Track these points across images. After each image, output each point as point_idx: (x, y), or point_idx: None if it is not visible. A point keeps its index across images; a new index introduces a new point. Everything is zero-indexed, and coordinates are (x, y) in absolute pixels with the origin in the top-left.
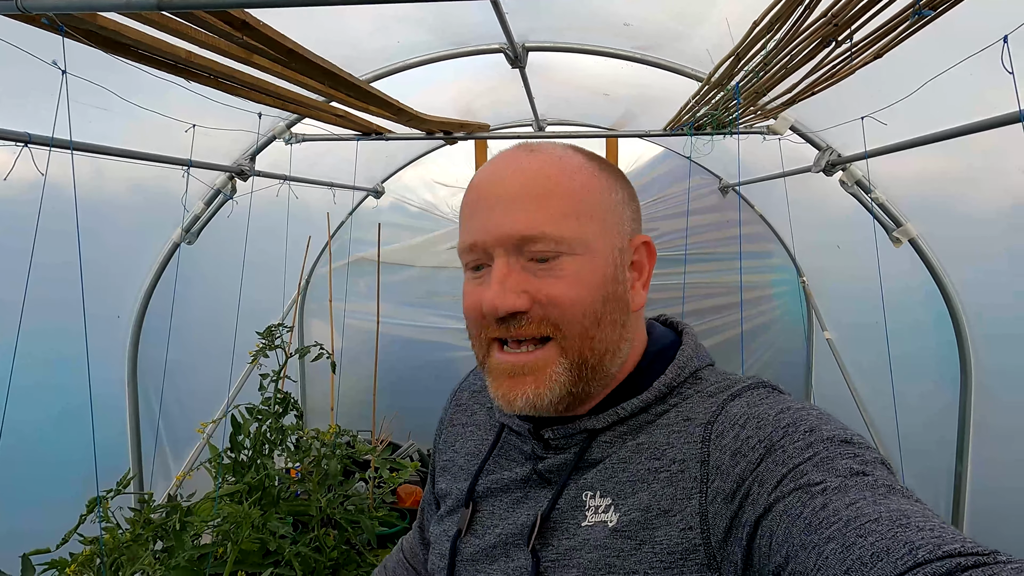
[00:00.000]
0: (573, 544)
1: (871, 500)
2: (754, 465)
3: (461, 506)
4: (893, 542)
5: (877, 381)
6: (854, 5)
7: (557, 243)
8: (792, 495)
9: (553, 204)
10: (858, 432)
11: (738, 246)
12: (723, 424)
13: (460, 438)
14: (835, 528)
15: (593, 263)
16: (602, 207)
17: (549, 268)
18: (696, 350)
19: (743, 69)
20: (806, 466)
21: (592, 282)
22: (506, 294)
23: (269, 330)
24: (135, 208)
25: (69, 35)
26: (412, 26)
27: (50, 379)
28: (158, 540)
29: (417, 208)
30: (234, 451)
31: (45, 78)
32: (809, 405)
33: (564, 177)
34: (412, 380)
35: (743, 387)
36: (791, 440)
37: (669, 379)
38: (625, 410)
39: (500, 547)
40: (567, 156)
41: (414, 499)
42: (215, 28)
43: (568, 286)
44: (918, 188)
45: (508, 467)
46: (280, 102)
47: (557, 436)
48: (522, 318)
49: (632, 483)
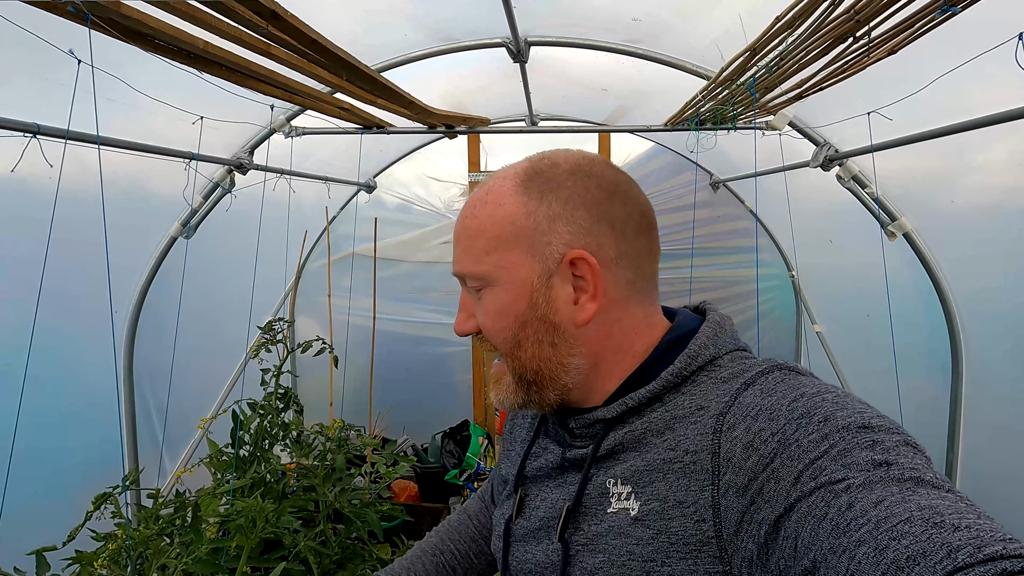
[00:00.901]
0: (601, 530)
1: (899, 497)
2: (767, 460)
3: (512, 491)
4: (929, 544)
5: (867, 373)
6: (878, 1)
7: (477, 279)
8: (814, 494)
9: (474, 243)
10: (878, 412)
11: (728, 242)
12: (735, 415)
13: (518, 427)
14: (865, 530)
15: (509, 293)
16: (518, 236)
17: (479, 298)
18: (714, 337)
19: (755, 64)
20: (823, 461)
21: (508, 310)
22: (461, 321)
23: (269, 324)
24: (132, 201)
25: (95, 25)
26: (411, 21)
27: (45, 375)
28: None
29: (409, 203)
30: (235, 447)
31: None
32: (826, 387)
33: (485, 214)
34: (403, 375)
35: (757, 372)
36: (805, 432)
37: (678, 368)
38: (633, 400)
39: (543, 529)
40: (498, 187)
41: (408, 494)
42: (242, 18)
43: (487, 316)
44: (909, 183)
45: (548, 453)
46: (288, 94)
47: (578, 425)
48: (480, 336)
49: (650, 472)
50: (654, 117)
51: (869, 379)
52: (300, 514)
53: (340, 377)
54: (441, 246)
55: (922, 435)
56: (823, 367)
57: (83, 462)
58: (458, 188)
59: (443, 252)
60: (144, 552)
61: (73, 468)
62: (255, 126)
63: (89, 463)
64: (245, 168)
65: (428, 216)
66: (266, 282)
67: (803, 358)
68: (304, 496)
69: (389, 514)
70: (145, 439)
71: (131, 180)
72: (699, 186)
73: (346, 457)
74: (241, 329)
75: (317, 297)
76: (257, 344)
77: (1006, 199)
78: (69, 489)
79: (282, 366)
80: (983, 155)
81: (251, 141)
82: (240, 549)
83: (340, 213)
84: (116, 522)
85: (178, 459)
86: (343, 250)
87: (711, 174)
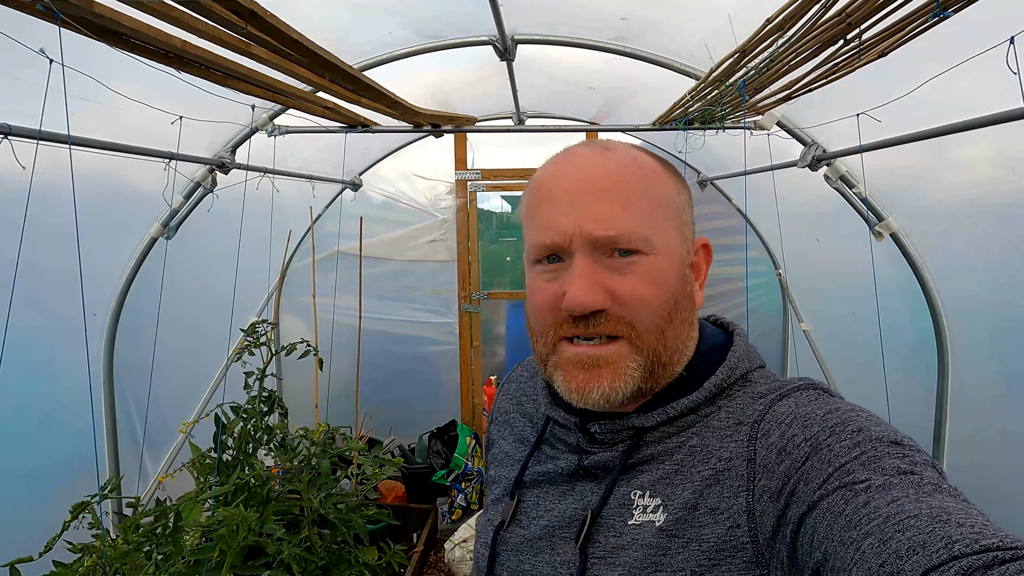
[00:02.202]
0: (621, 543)
1: (914, 497)
2: (800, 463)
3: (506, 496)
4: (931, 536)
5: (853, 371)
6: (871, 5)
7: (640, 242)
8: (836, 493)
9: (637, 204)
10: (909, 435)
11: (715, 240)
12: (770, 423)
13: (509, 427)
14: (874, 524)
15: (669, 262)
16: (675, 209)
17: (630, 265)
18: (747, 352)
19: (745, 66)
20: (852, 464)
21: (668, 281)
22: (590, 291)
23: (252, 326)
24: (109, 202)
25: (65, 23)
26: (397, 18)
27: (22, 379)
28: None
29: (396, 200)
30: (219, 451)
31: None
32: (859, 407)
33: (645, 178)
34: (390, 375)
35: (792, 388)
36: (838, 439)
37: (720, 380)
38: (675, 409)
39: (546, 539)
40: (643, 158)
41: (395, 495)
42: (220, 17)
43: (648, 285)
44: (893, 179)
45: (554, 459)
46: (270, 93)
47: (604, 431)
48: (600, 316)
49: (678, 482)
50: (641, 115)
51: (855, 377)
52: (286, 517)
53: (326, 378)
54: (427, 244)
55: (908, 431)
56: (810, 365)
57: (61, 467)
58: (444, 186)
59: (430, 250)
60: (121, 568)
61: (51, 474)
62: (237, 125)
63: (68, 468)
64: (227, 167)
65: (414, 214)
66: (250, 283)
67: (790, 355)
68: (288, 500)
69: (375, 518)
70: (126, 443)
71: (112, 180)
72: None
73: (332, 460)
74: (224, 330)
75: (302, 297)
76: (240, 347)
77: (990, 195)
78: (47, 495)
79: (265, 369)
80: (967, 150)
81: (233, 140)
82: (223, 556)
83: (325, 212)
84: (93, 533)
85: (160, 462)
86: (328, 249)
87: (699, 172)
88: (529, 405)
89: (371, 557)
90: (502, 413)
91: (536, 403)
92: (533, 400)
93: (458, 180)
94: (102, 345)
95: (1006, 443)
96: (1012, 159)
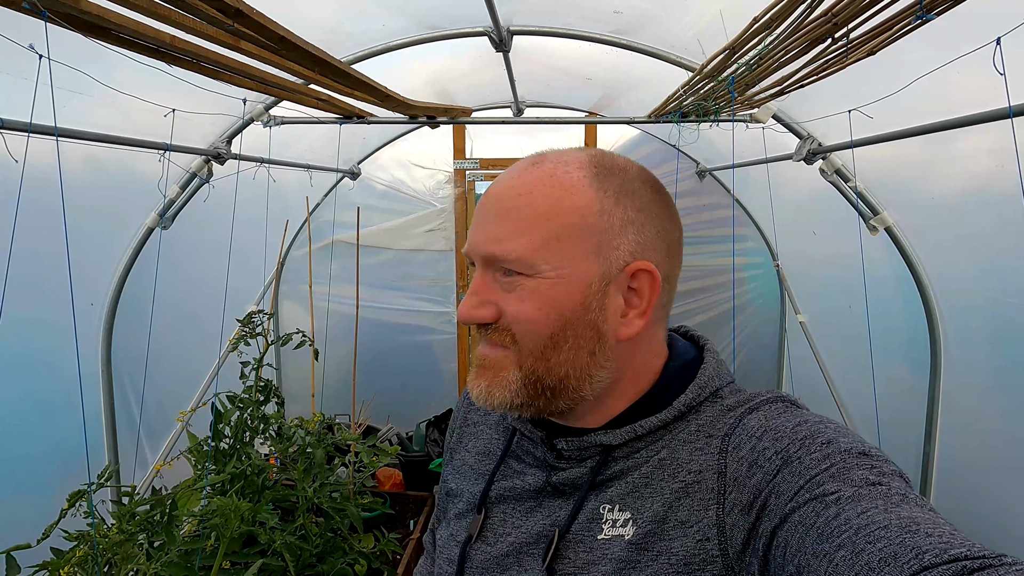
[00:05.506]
0: (591, 558)
1: (883, 508)
2: (771, 476)
3: (472, 511)
4: (901, 547)
5: (848, 364)
6: (856, 5)
7: (521, 265)
8: (807, 505)
9: (533, 226)
10: (876, 446)
11: (714, 230)
12: (740, 436)
13: (473, 437)
14: (846, 536)
15: (564, 289)
16: (593, 232)
17: (514, 285)
18: (718, 368)
19: (736, 62)
20: (822, 477)
21: (554, 306)
22: (473, 307)
23: (249, 316)
24: (107, 193)
25: (51, 20)
26: (392, 8)
27: (20, 369)
28: (144, 534)
29: (394, 190)
30: (215, 440)
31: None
32: (827, 419)
33: (556, 200)
34: (388, 363)
35: (761, 400)
36: (808, 452)
37: (689, 399)
38: (643, 428)
39: (512, 556)
40: (565, 173)
41: (393, 482)
42: (206, 15)
43: (525, 307)
44: (889, 170)
45: (521, 474)
46: (263, 87)
47: (571, 448)
48: (490, 327)
49: (651, 498)
50: (639, 105)
51: (850, 369)
52: (282, 505)
53: (323, 366)
54: (425, 233)
55: (900, 426)
56: (806, 357)
57: (59, 457)
58: (443, 175)
59: (428, 240)
60: (112, 558)
61: (49, 463)
62: (232, 116)
63: (67, 457)
64: (223, 158)
65: (413, 203)
66: (248, 272)
67: (786, 347)
68: (284, 489)
69: (371, 506)
70: (124, 431)
71: (110, 170)
72: (686, 175)
73: (327, 449)
74: (224, 319)
75: (300, 285)
76: (236, 337)
77: (984, 189)
78: (45, 483)
79: (262, 359)
80: (963, 144)
81: (228, 130)
82: (217, 545)
83: (323, 200)
84: (88, 522)
85: (159, 451)
86: (326, 238)
87: (697, 163)
88: (495, 414)
89: (367, 544)
90: (466, 422)
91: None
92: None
93: (456, 169)
94: (100, 334)
95: (998, 437)
96: (1006, 154)
